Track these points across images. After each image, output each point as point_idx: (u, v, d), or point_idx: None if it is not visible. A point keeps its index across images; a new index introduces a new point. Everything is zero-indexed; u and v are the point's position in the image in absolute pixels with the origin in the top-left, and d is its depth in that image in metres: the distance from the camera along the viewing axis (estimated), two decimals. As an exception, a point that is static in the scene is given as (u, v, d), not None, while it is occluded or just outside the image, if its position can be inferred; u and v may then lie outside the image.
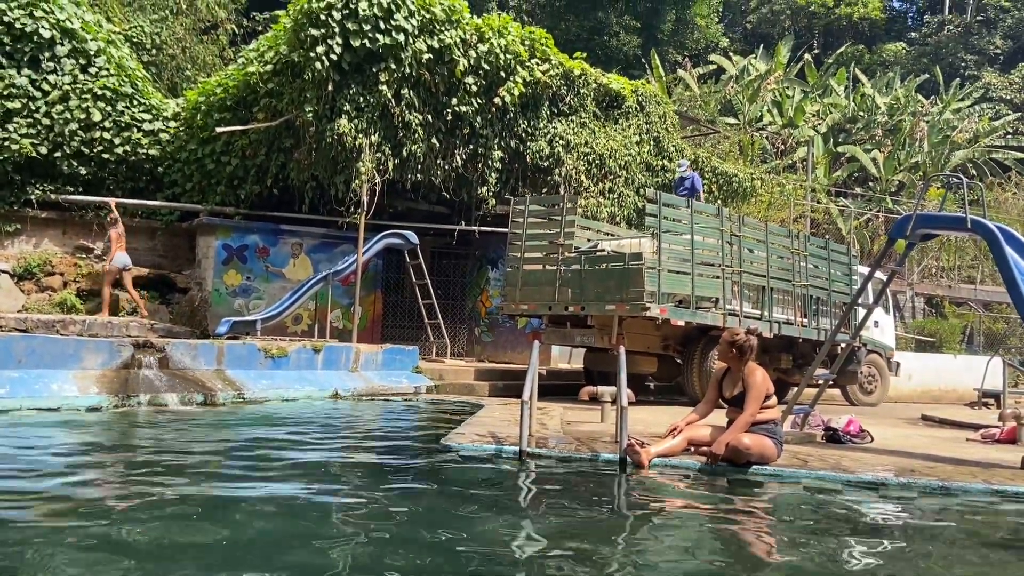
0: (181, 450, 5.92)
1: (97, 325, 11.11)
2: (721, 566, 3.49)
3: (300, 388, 9.68)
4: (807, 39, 37.37)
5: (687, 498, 4.94)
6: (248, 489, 4.53)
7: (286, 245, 13.87)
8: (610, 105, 15.30)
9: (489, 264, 15.57)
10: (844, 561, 3.61)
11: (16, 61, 12.55)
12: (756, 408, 5.47)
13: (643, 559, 3.54)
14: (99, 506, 4.04)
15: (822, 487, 5.26)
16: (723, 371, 5.84)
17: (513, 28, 13.58)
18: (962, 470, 5.80)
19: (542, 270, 10.80)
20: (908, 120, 28.35)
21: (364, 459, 6.00)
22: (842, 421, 7.17)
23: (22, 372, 7.63)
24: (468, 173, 13.40)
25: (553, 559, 3.43)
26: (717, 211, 11.21)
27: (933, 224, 7.64)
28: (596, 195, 14.51)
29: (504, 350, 15.02)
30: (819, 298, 12.24)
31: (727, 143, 24.21)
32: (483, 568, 3.24)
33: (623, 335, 9.97)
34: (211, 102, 13.32)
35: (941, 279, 23.56)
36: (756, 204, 19.22)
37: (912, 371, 16.25)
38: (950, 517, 4.71)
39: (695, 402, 10.54)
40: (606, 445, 6.08)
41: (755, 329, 5.94)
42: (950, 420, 10.16)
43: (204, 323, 12.86)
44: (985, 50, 36.31)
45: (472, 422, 7.46)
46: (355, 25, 11.80)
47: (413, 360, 11.72)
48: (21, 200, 12.64)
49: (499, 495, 4.84)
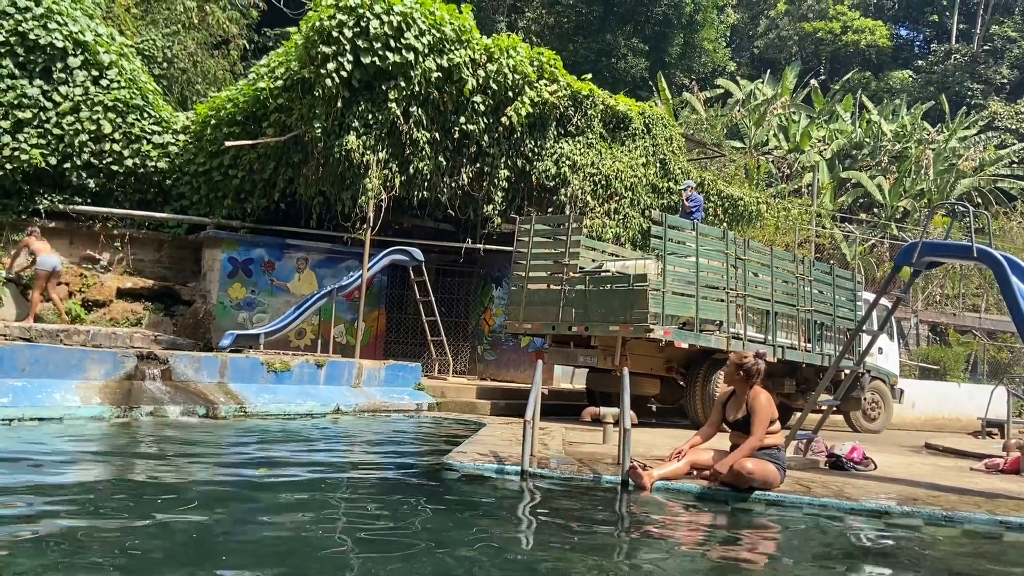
0: (181, 464, 5.91)
1: (101, 336, 11.12)
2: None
3: (302, 403, 9.66)
4: (814, 65, 37.60)
5: (688, 522, 4.91)
6: (247, 504, 4.52)
7: (291, 259, 13.90)
8: (617, 127, 15.36)
9: (493, 282, 15.58)
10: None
11: (28, 72, 12.65)
12: (762, 432, 5.44)
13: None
14: (90, 518, 4.03)
15: (825, 514, 5.23)
16: (728, 394, 5.82)
17: (522, 49, 13.68)
18: (966, 500, 5.76)
19: (546, 290, 10.80)
20: (914, 147, 28.41)
21: (364, 476, 5.98)
22: (846, 448, 7.13)
23: (26, 381, 7.64)
24: (474, 191, 13.45)
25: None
26: (722, 234, 11.22)
27: (939, 252, 7.63)
28: (602, 216, 14.54)
29: (507, 369, 14.99)
30: (823, 323, 12.22)
31: (733, 166, 24.27)
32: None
33: (626, 356, 9.95)
34: (221, 116, 13.41)
35: (945, 307, 23.50)
36: (761, 228, 19.24)
37: (916, 399, 16.17)
38: (954, 547, 4.68)
39: (698, 425, 10.53)
40: (608, 467, 6.06)
41: (763, 353, 5.93)
42: (954, 449, 10.10)
43: (208, 336, 12.87)
44: (991, 79, 36.46)
45: (474, 441, 7.43)
46: (366, 43, 11.90)
47: (416, 377, 11.71)
48: (29, 210, 12.68)
49: (500, 515, 4.82)
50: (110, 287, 13.05)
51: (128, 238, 13.56)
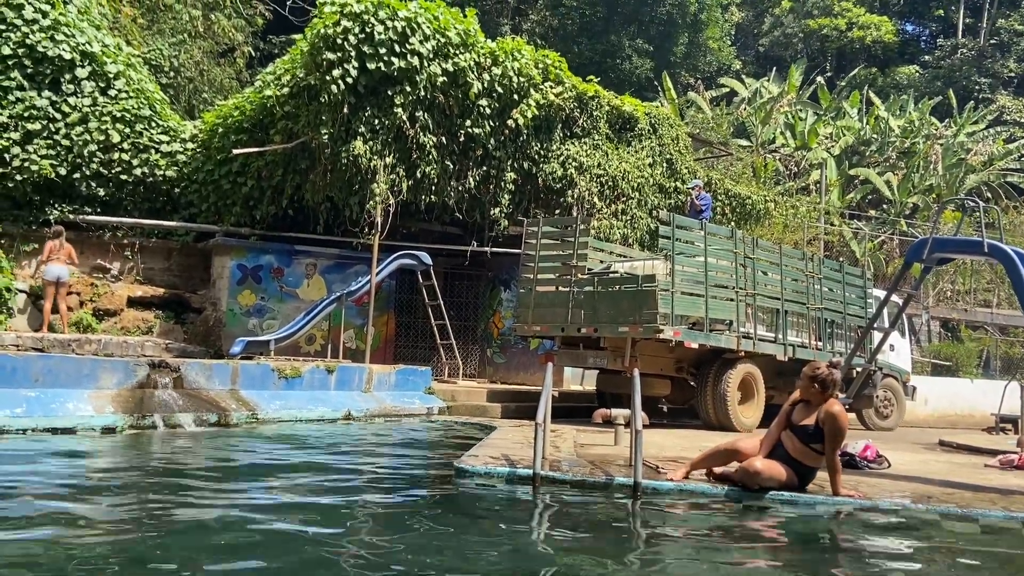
0: (195, 471, 5.93)
1: (113, 344, 11.17)
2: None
3: (313, 408, 9.68)
4: (820, 62, 37.46)
5: (701, 523, 4.90)
6: (261, 510, 4.53)
7: (300, 265, 13.94)
8: (623, 127, 15.35)
9: (502, 285, 15.59)
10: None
11: (37, 83, 12.73)
12: (838, 450, 5.38)
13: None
14: (109, 527, 4.05)
15: (839, 513, 5.20)
16: (797, 400, 5.59)
17: (527, 52, 13.69)
18: (981, 497, 5.73)
19: (555, 292, 10.80)
20: (922, 143, 28.29)
21: (376, 481, 5.99)
22: (859, 446, 7.10)
23: (39, 391, 7.67)
24: (481, 195, 13.46)
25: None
26: (731, 233, 11.19)
27: (949, 248, 7.61)
28: (609, 217, 14.52)
29: (516, 371, 14.99)
30: (834, 321, 12.17)
31: (740, 165, 24.22)
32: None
33: (636, 357, 9.93)
34: (228, 124, 13.47)
35: (957, 302, 23.38)
36: (769, 227, 19.18)
37: (928, 395, 16.09)
38: (969, 544, 4.65)
39: (709, 425, 10.54)
40: (620, 468, 6.05)
41: (836, 362, 5.80)
42: (968, 446, 10.04)
43: (218, 343, 12.91)
44: (999, 73, 36.26)
45: (485, 444, 7.43)
46: (371, 49, 11.93)
47: (426, 381, 11.72)
48: (40, 220, 12.77)
49: (513, 518, 4.82)
50: (121, 296, 13.11)
51: (138, 247, 13.63)
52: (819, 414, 5.31)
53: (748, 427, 10.43)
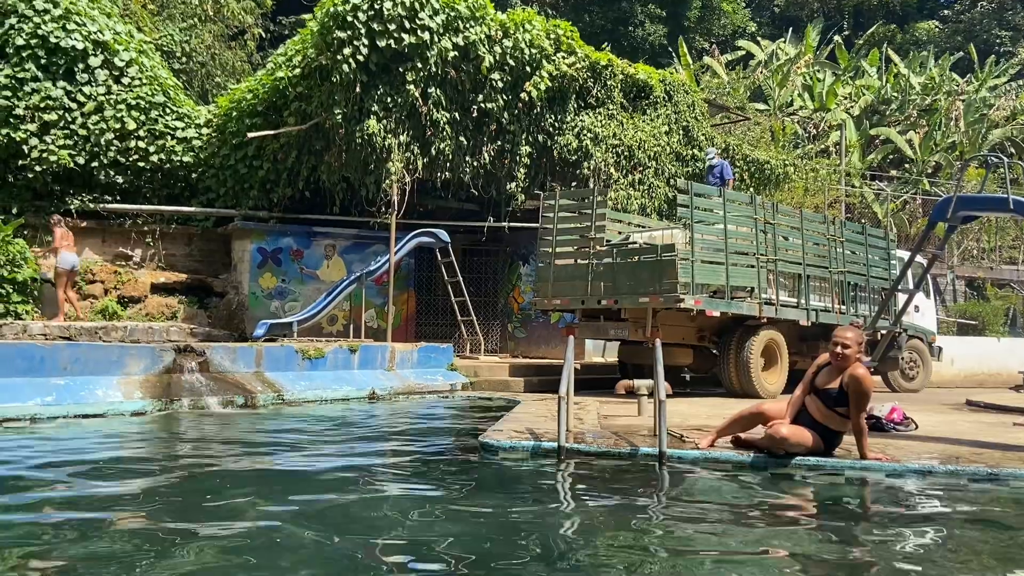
0: (228, 452, 6.01)
1: (139, 331, 11.31)
2: (763, 556, 3.45)
3: (338, 388, 9.77)
4: (836, 21, 36.73)
5: (728, 491, 4.90)
6: (293, 488, 4.59)
7: (319, 247, 14.00)
8: (637, 96, 15.18)
9: (520, 260, 15.57)
10: (892, 551, 3.56)
11: (52, 74, 12.79)
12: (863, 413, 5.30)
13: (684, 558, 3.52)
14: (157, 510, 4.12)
15: (866, 477, 5.18)
16: (823, 364, 5.53)
17: (537, 22, 13.54)
18: (1010, 456, 5.68)
19: (574, 264, 10.77)
20: (943, 100, 27.73)
21: (403, 458, 6.04)
22: (885, 409, 7.06)
23: (68, 379, 7.80)
24: (496, 169, 13.41)
25: (593, 554, 3.43)
26: (750, 199, 11.08)
27: (974, 206, 7.49)
28: (626, 187, 14.43)
29: (538, 345, 15.02)
30: (857, 284, 12.06)
31: (758, 129, 23.90)
32: (523, 563, 3.25)
33: (657, 327, 9.89)
34: (242, 108, 13.49)
35: (982, 261, 23.05)
36: (789, 191, 18.96)
37: (955, 355, 15.94)
38: (1000, 505, 4.62)
39: (732, 393, 10.52)
40: (644, 439, 6.06)
41: (856, 323, 5.72)
42: (995, 405, 9.95)
43: (242, 326, 13.04)
44: (1020, 25, 35.41)
45: (509, 418, 7.47)
46: (380, 26, 11.86)
47: (448, 358, 11.77)
48: (61, 210, 12.88)
49: (539, 491, 4.85)
50: (144, 283, 13.25)
51: (159, 233, 13.75)
52: (843, 377, 5.26)
53: (772, 393, 10.39)
